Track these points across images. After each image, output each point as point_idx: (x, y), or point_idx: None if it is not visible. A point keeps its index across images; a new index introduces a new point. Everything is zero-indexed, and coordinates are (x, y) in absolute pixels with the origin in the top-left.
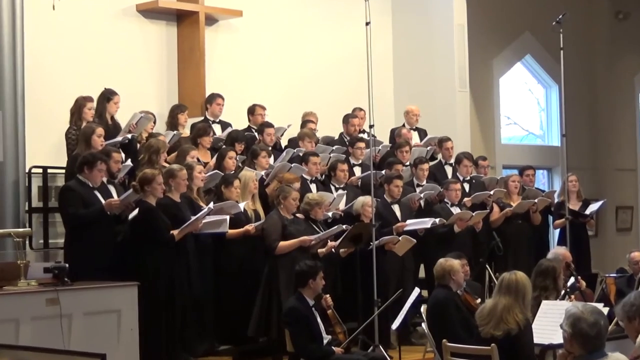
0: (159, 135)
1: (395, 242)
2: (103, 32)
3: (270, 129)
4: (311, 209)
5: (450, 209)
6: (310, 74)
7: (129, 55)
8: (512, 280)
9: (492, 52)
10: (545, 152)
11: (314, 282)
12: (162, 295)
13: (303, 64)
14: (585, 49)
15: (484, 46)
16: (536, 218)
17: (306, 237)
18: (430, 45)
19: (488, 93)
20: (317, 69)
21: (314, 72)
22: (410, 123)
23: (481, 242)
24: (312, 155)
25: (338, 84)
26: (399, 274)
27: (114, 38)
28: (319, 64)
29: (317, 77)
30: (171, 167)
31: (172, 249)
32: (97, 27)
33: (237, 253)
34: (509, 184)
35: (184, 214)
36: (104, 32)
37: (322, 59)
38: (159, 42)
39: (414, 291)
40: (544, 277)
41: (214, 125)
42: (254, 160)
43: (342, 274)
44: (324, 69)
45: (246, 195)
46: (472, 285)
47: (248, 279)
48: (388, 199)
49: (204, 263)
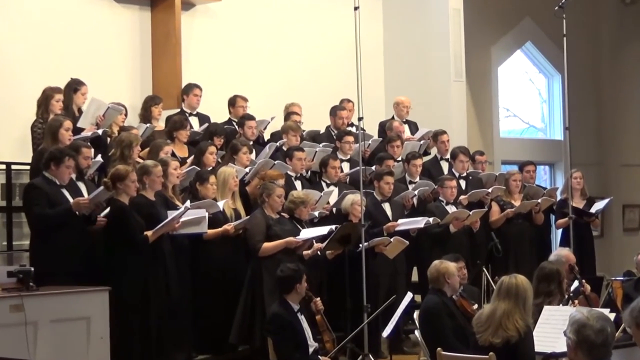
0: (131, 128)
1: (386, 244)
2: (71, 17)
3: (252, 121)
4: (296, 207)
5: (445, 207)
6: (295, 63)
7: (99, 43)
8: (511, 284)
9: (490, 38)
10: (547, 146)
11: (299, 286)
12: (136, 300)
13: (287, 52)
14: (590, 35)
15: (481, 32)
16: (539, 218)
17: (292, 238)
18: (423, 31)
19: (486, 83)
20: (302, 57)
21: (298, 61)
22: (401, 115)
23: (479, 243)
24: (297, 150)
25: (325, 73)
26: (390, 278)
27: (83, 24)
28: (305, 52)
29: (302, 66)
30: (145, 163)
31: (146, 251)
32: (65, 11)
33: (217, 255)
34: (510, 182)
35: (159, 214)
36: (71, 17)
37: (307, 46)
38: (131, 28)
39: (407, 296)
40: (548, 282)
41: (190, 118)
42: (234, 156)
43: (329, 278)
44: (310, 57)
45: (225, 193)
46: (469, 290)
47: (229, 283)
48: (378, 197)
49: (181, 266)
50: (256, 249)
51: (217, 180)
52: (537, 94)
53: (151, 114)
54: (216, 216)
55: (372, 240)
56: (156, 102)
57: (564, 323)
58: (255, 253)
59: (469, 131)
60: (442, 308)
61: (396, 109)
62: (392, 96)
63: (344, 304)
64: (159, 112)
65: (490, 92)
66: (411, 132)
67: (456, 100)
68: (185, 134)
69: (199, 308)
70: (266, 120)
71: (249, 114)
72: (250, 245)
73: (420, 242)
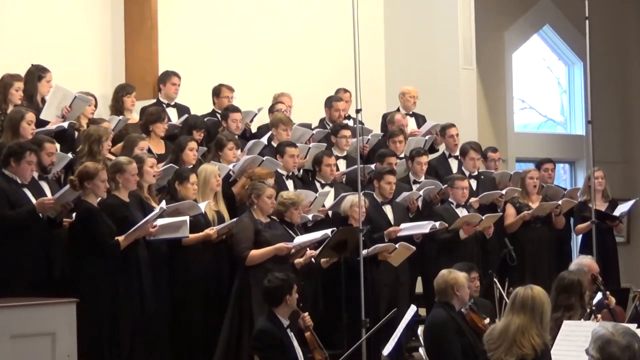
0: (101, 121)
1: (391, 251)
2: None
3: (236, 113)
4: (286, 210)
5: (455, 210)
6: (285, 48)
7: (64, 24)
8: (527, 296)
9: (504, 21)
10: (567, 142)
11: (290, 297)
12: (106, 314)
13: (277, 35)
14: (615, 17)
15: (493, 15)
16: (559, 221)
17: (283, 244)
18: (429, 13)
19: (498, 71)
20: (294, 42)
21: (290, 46)
22: (407, 107)
23: (491, 250)
24: (288, 145)
25: (319, 60)
26: (392, 289)
27: (47, 3)
28: (296, 36)
29: (294, 52)
30: (118, 159)
31: (118, 258)
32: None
33: (199, 263)
34: (527, 181)
35: (133, 217)
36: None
37: (299, 29)
38: (101, 9)
39: (410, 309)
40: (568, 294)
41: (168, 110)
42: (219, 152)
43: (323, 290)
44: (302, 42)
45: (207, 194)
46: (480, 303)
47: (212, 295)
48: (378, 198)
49: (157, 275)
50: (243, 256)
51: (197, 179)
52: (555, 83)
53: (123, 105)
54: (197, 219)
55: (376, 246)
56: (128, 92)
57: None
58: (243, 261)
59: (479, 125)
60: (449, 323)
61: (402, 99)
62: (394, 86)
63: (339, 317)
64: (132, 103)
65: (504, 81)
66: (418, 126)
67: (465, 91)
68: (162, 127)
69: (178, 323)
70: (252, 111)
71: (234, 105)
72: (236, 252)
73: (425, 249)
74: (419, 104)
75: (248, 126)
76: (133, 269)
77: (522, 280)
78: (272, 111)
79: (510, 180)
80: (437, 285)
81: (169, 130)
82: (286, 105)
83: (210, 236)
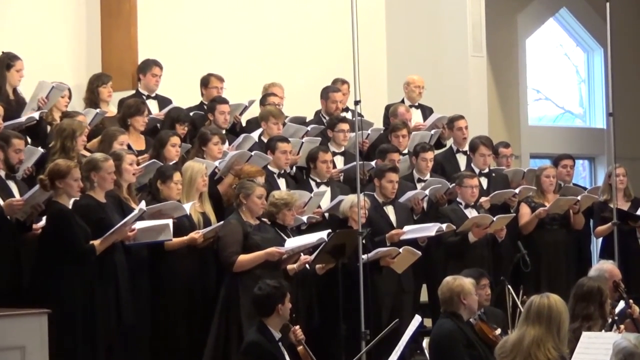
0: (75, 114)
1: (394, 255)
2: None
3: (224, 105)
4: (278, 211)
5: (464, 211)
6: (279, 35)
7: (36, 10)
8: (543, 306)
9: (517, 4)
10: (586, 136)
11: (282, 307)
12: (80, 326)
13: (269, 21)
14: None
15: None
16: (578, 220)
17: (275, 249)
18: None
19: (511, 59)
20: (288, 28)
21: (284, 32)
22: (412, 98)
23: (503, 255)
24: (280, 140)
25: (315, 47)
26: (394, 298)
27: None
28: (291, 22)
29: (288, 38)
30: (93, 156)
31: (93, 264)
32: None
33: (182, 269)
34: (542, 179)
35: (110, 219)
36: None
37: (294, 15)
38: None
39: (414, 320)
40: (587, 303)
41: (148, 102)
42: (203, 148)
43: (319, 299)
44: (297, 28)
45: (192, 194)
46: (490, 312)
47: (198, 304)
48: (380, 198)
49: (137, 283)
50: (231, 262)
51: (182, 178)
52: (573, 72)
53: (99, 97)
54: (181, 221)
55: (378, 250)
56: (104, 82)
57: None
58: (230, 267)
59: (490, 118)
60: (457, 335)
61: (406, 89)
62: (396, 75)
63: (337, 329)
64: (109, 94)
65: (517, 70)
66: (424, 118)
67: (475, 80)
68: (142, 120)
69: (159, 336)
70: (242, 104)
71: (221, 96)
72: (223, 258)
73: (431, 254)
74: (424, 95)
75: (238, 119)
76: (110, 277)
77: (537, 287)
78: (264, 104)
79: (523, 178)
80: (442, 294)
81: (150, 124)
82: (278, 97)
83: (195, 240)
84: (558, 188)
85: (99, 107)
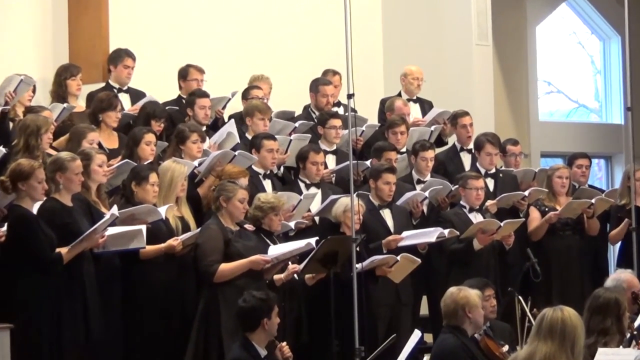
0: (41, 109)
1: (391, 264)
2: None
3: (204, 99)
4: (264, 216)
5: (468, 216)
6: (263, 22)
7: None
8: (557, 320)
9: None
10: (603, 133)
11: (269, 321)
12: (45, 342)
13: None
14: None
15: None
16: (592, 226)
17: (259, 257)
18: None
19: (520, 48)
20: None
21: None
22: (410, 91)
23: (511, 263)
24: (265, 138)
25: (303, 35)
26: (391, 310)
27: None
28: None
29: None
30: (58, 155)
31: (60, 274)
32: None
33: (158, 280)
34: (554, 181)
35: (78, 224)
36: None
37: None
38: None
39: (413, 335)
40: (604, 316)
41: (120, 95)
42: (181, 146)
43: (309, 312)
44: (285, 14)
45: (169, 198)
46: (497, 327)
47: (174, 318)
48: (375, 201)
49: (107, 295)
50: (211, 272)
51: (160, 179)
52: (588, 62)
53: (67, 90)
54: (157, 227)
55: (373, 258)
56: (73, 74)
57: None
58: (210, 278)
59: (497, 113)
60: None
61: (404, 82)
62: (393, 66)
63: (328, 346)
64: (78, 87)
65: (526, 60)
66: (424, 114)
67: (480, 72)
68: (114, 116)
69: (132, 353)
70: (225, 97)
71: (201, 89)
72: (202, 267)
73: (432, 262)
74: (424, 88)
75: (220, 114)
76: (77, 288)
77: (548, 299)
78: (246, 97)
79: (534, 179)
80: (445, 306)
81: (123, 120)
82: (263, 92)
83: (174, 248)
84: (572, 190)
85: (66, 101)
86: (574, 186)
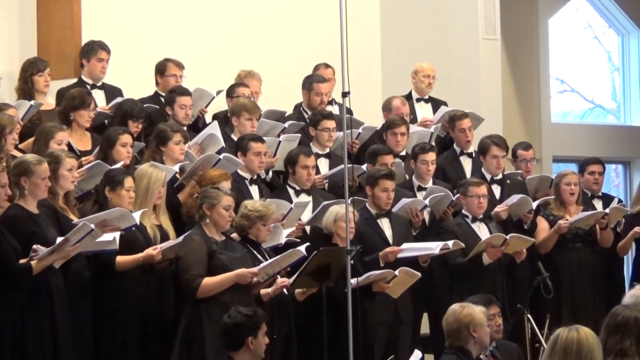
0: (5, 107)
1: (389, 279)
2: None
3: (184, 97)
4: (251, 225)
5: (471, 225)
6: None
7: None
8: (572, 341)
9: None
10: (621, 135)
11: (254, 340)
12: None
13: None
14: None
15: None
16: (606, 237)
17: (246, 270)
18: None
19: (530, 43)
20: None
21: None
22: (420, 90)
23: (520, 278)
24: (252, 139)
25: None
26: (389, 329)
27: None
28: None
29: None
30: (23, 158)
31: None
32: None
33: (134, 294)
34: (562, 188)
35: (44, 233)
36: None
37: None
38: None
39: (413, 356)
40: (622, 335)
41: (93, 92)
42: (162, 148)
43: (299, 330)
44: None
45: (145, 204)
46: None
47: (153, 337)
48: (372, 209)
49: (77, 310)
50: (193, 286)
51: (136, 185)
52: (605, 58)
53: (34, 86)
54: (133, 236)
55: (370, 274)
56: (40, 69)
57: None
58: (193, 293)
59: (505, 114)
60: None
61: (415, 79)
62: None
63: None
64: (46, 83)
65: (537, 56)
66: None
67: (487, 68)
68: (87, 115)
69: None
70: (209, 94)
71: (182, 87)
72: (184, 281)
73: (434, 277)
74: None
75: (203, 113)
76: (44, 304)
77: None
78: (231, 96)
79: (551, 187)
80: (448, 325)
81: (97, 120)
82: (252, 89)
83: (153, 257)
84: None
85: (33, 98)
86: (586, 194)
